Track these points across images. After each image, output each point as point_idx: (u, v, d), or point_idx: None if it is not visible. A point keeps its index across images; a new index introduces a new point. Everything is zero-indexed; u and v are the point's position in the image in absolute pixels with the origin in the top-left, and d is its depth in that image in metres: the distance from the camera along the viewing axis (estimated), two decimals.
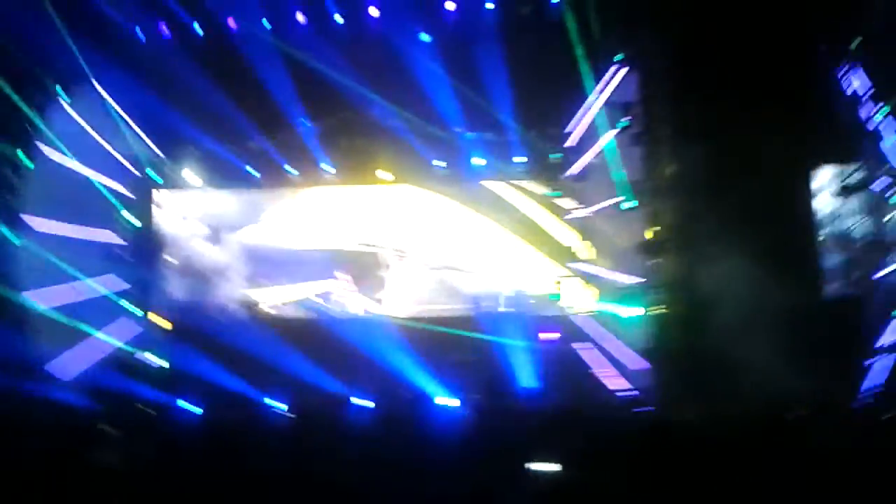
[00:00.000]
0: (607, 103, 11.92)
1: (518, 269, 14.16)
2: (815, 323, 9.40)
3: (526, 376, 11.12)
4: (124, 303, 14.06)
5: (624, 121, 11.54)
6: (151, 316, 14.62)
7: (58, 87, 12.91)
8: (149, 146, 14.62)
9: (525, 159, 13.99)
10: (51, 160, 12.72)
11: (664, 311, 10.36)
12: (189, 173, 14.96)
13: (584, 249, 13.68)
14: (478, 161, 14.11)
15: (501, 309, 13.51)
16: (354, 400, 10.50)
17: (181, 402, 10.66)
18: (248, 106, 13.30)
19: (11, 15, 10.71)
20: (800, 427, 7.42)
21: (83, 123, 13.31)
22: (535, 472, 6.83)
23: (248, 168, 14.74)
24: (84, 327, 12.40)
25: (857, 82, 10.41)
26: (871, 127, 10.39)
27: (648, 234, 11.11)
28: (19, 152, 12.45)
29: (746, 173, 9.58)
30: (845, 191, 10.74)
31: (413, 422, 8.51)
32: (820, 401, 8.32)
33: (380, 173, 14.53)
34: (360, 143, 14.31)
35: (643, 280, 10.95)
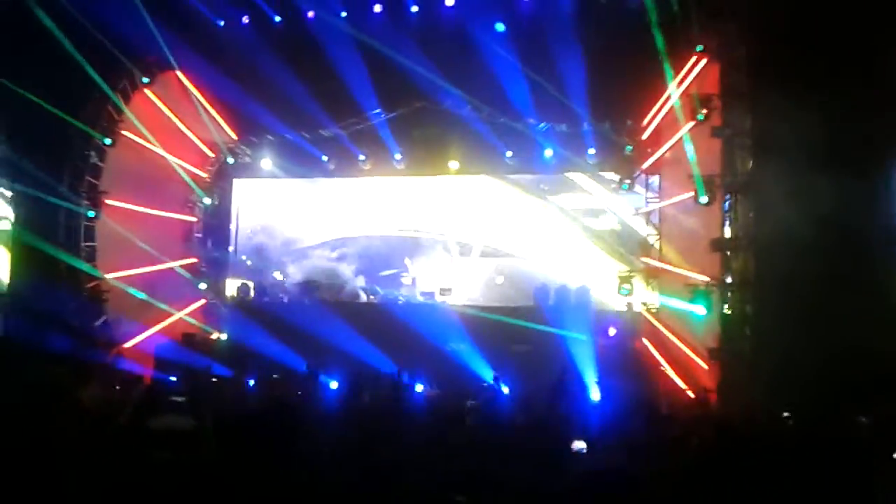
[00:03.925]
0: (685, 95, 11.49)
1: (584, 262, 13.95)
2: (891, 332, 8.85)
3: (587, 369, 10.87)
4: (194, 279, 14.53)
5: (702, 113, 11.08)
6: (220, 292, 15.15)
7: (142, 75, 13.34)
8: (226, 132, 15.04)
9: (594, 151, 13.70)
10: (133, 142, 13.18)
11: (734, 309, 9.98)
12: (263, 159, 15.29)
13: (654, 244, 13.35)
14: (549, 153, 13.88)
15: (565, 302, 13.28)
16: (415, 385, 10.50)
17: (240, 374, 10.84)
18: (323, 94, 13.43)
19: (100, 4, 11.07)
20: (865, 434, 6.98)
21: (165, 109, 13.76)
22: (595, 464, 6.62)
23: (321, 157, 14.93)
24: (153, 300, 12.78)
25: None
26: None
27: (723, 231, 10.71)
28: (102, 137, 12.91)
29: (829, 171, 9.06)
30: None
31: (465, 406, 8.40)
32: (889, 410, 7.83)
33: (451, 163, 14.51)
34: (432, 133, 14.29)
35: (712, 278, 10.54)
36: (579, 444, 6.05)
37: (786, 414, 7.19)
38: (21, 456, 4.61)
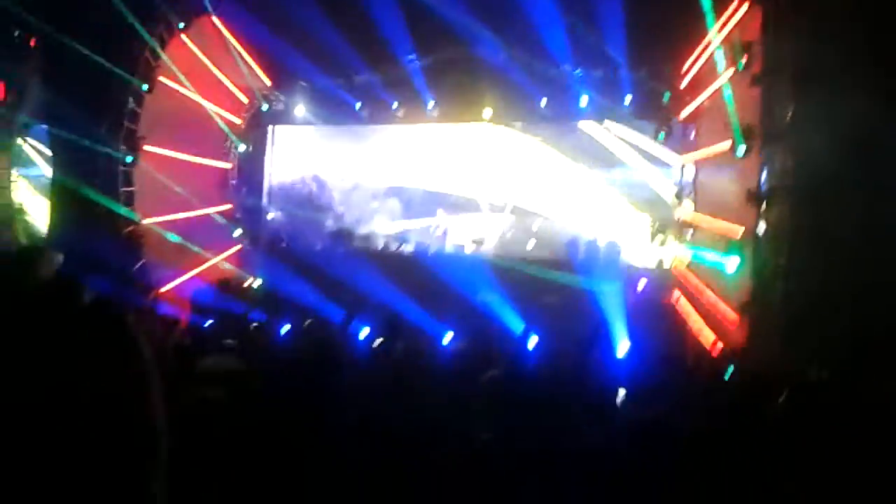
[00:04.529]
0: (726, 41, 11.16)
1: (616, 214, 13.88)
2: None
3: (617, 322, 10.86)
4: (229, 225, 14.75)
5: (742, 61, 10.78)
6: (254, 238, 15.38)
7: (178, 20, 13.33)
8: (261, 79, 15.07)
9: (631, 98, 13.48)
10: (169, 89, 13.25)
11: (767, 262, 9.84)
12: (297, 106, 15.33)
13: (688, 196, 13.19)
14: (585, 100, 13.69)
15: (595, 255, 13.24)
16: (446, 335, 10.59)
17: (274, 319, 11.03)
18: (357, 40, 13.30)
19: None
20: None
21: (201, 55, 13.78)
22: (624, 417, 6.66)
23: (355, 104, 14.94)
24: (189, 245, 13.02)
25: None
26: None
27: (761, 182, 10.50)
28: (140, 82, 12.99)
29: (874, 119, 8.79)
30: None
31: (495, 357, 8.46)
32: None
33: (485, 112, 14.41)
34: (465, 81, 14.14)
35: (748, 230, 10.39)
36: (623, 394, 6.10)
37: (817, 368, 7.14)
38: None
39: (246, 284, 14.09)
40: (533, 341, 9.90)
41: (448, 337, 10.49)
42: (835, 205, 8.78)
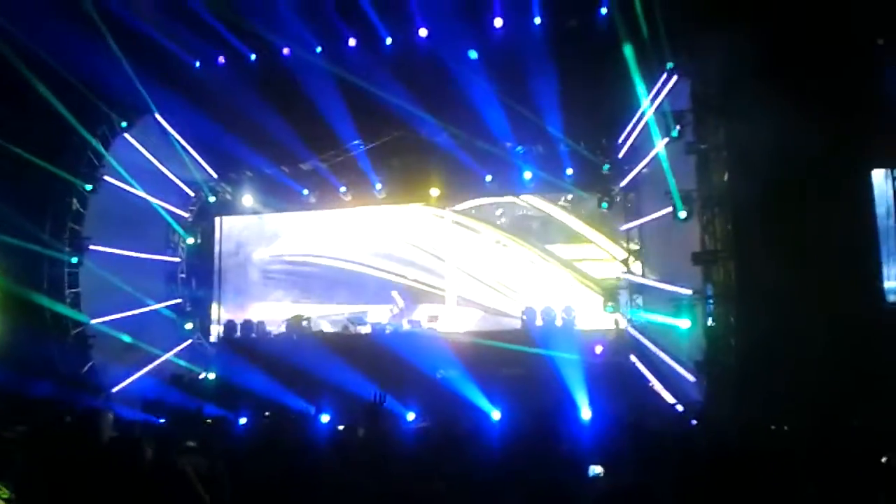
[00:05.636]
0: (658, 112, 11.62)
1: (567, 283, 14.10)
2: (874, 335, 8.96)
3: (575, 389, 10.91)
4: (179, 319, 14.54)
5: (676, 130, 11.23)
6: (205, 330, 15.18)
7: (121, 120, 13.39)
8: (207, 171, 15.11)
9: (572, 172, 13.90)
10: (114, 187, 13.19)
11: (718, 321, 10.07)
12: (244, 196, 15.36)
13: (634, 261, 13.50)
14: (528, 175, 14.06)
15: (551, 323, 13.36)
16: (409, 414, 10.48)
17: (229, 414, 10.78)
18: (301, 129, 13.49)
19: (77, 52, 11.11)
20: (854, 439, 7.06)
21: (144, 152, 13.79)
22: (587, 483, 6.62)
23: (302, 190, 15.07)
24: (139, 343, 12.75)
25: None
26: None
27: (703, 244, 10.83)
28: (83, 183, 12.93)
29: (803, 180, 9.23)
30: None
31: (461, 434, 8.40)
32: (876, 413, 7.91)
33: (432, 191, 14.66)
34: (410, 161, 14.47)
35: (694, 291, 10.67)
36: (596, 469, 6.03)
37: (773, 426, 7.26)
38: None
39: (199, 378, 13.76)
40: (496, 415, 9.89)
41: (411, 416, 10.39)
42: (775, 262, 9.09)
